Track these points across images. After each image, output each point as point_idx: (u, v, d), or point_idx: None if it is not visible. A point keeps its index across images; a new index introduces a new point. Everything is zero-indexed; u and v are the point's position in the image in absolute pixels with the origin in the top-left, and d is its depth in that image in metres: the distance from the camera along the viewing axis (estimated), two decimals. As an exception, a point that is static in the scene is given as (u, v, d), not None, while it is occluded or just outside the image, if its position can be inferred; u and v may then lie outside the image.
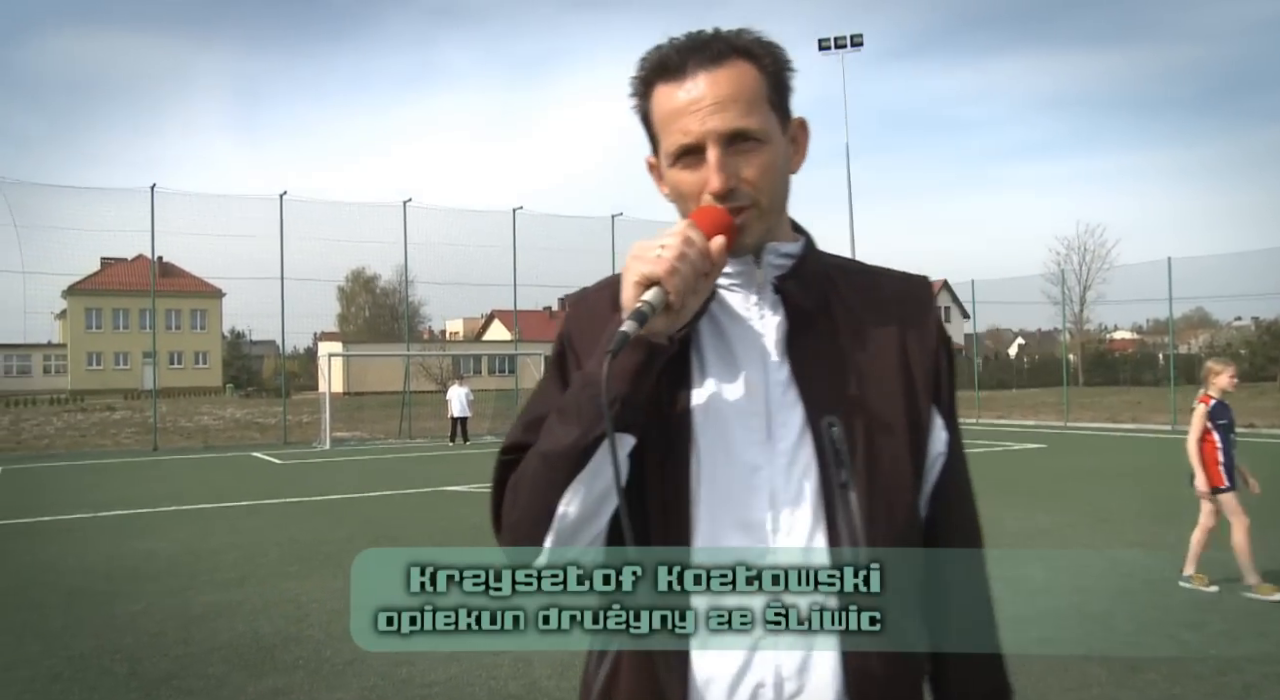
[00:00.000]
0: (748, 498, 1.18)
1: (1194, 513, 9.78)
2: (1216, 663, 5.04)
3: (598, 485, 1.14)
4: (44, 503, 12.96)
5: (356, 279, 61.44)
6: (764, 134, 1.20)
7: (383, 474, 16.32)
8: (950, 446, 1.30)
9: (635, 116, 1.28)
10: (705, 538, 1.18)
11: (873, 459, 1.20)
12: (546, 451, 1.16)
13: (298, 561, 8.22)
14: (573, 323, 1.31)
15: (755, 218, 1.21)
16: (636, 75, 1.25)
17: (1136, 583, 6.82)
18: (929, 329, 1.31)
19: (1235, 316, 50.61)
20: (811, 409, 1.20)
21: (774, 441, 1.20)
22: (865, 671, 1.16)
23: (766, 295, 1.26)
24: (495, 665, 5.20)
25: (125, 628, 6.14)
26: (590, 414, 1.12)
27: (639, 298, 1.12)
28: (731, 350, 1.24)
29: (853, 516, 1.18)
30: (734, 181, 1.19)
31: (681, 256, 1.12)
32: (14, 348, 49.42)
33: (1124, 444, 20.25)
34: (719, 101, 1.18)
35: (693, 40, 1.21)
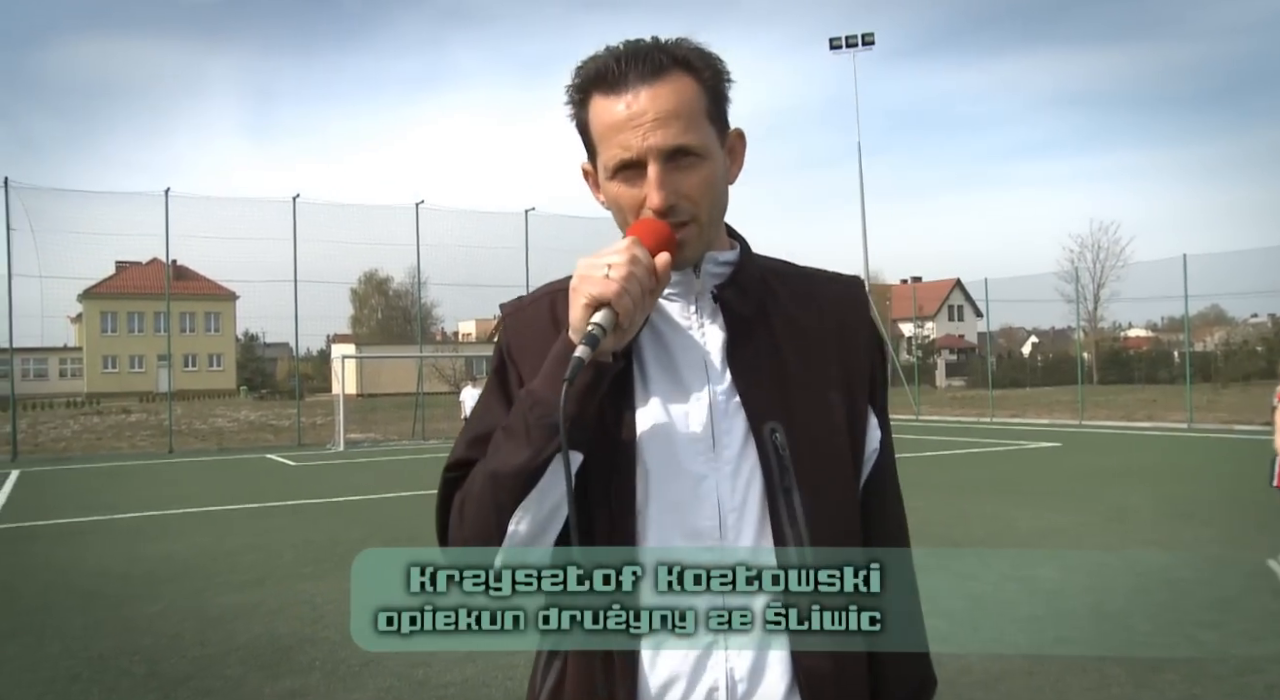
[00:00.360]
0: (695, 507, 1.19)
1: (1209, 512, 9.75)
2: (1237, 663, 5.01)
3: (546, 504, 1.16)
4: (61, 505, 13.05)
5: (369, 281, 61.66)
6: (704, 149, 1.20)
7: (397, 475, 16.36)
8: (883, 444, 1.33)
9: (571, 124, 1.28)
10: (652, 549, 1.19)
11: (815, 462, 1.22)
12: (495, 471, 1.16)
13: (313, 563, 8.25)
14: (511, 334, 1.30)
15: (695, 233, 1.22)
16: (573, 83, 1.24)
17: (1154, 582, 6.78)
18: (863, 330, 1.33)
19: (1251, 313, 50.29)
20: (754, 416, 1.21)
21: (719, 450, 1.21)
22: (815, 670, 1.18)
23: (705, 304, 1.27)
24: (511, 666, 5.21)
25: (143, 629, 6.17)
26: (540, 436, 1.13)
27: (589, 320, 1.12)
28: (673, 361, 1.25)
29: (797, 519, 1.20)
30: (674, 198, 1.19)
31: (629, 276, 1.12)
32: (31, 351, 49.71)
33: (1140, 442, 20.14)
34: (660, 117, 1.17)
35: (632, 51, 1.20)
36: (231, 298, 50.96)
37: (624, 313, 1.12)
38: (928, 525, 9.26)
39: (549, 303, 1.29)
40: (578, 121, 1.27)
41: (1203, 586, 6.68)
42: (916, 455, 17.95)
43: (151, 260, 40.65)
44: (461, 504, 1.21)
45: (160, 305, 44.21)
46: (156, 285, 43.79)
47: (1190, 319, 29.36)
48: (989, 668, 5.01)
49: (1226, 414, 25.11)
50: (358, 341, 52.20)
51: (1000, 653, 5.25)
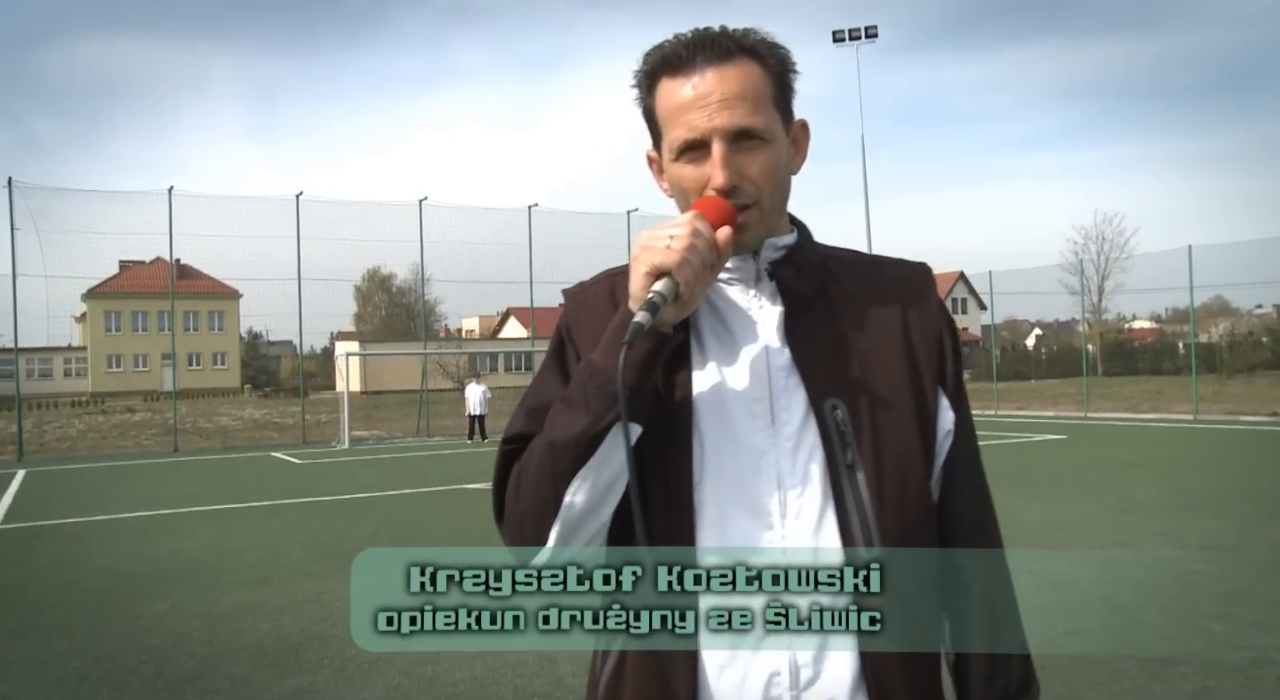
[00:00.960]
0: (754, 482, 1.19)
1: (1217, 504, 9.71)
2: (1249, 655, 4.98)
3: (604, 474, 1.15)
4: (68, 505, 13.06)
5: (372, 278, 61.65)
6: (769, 133, 1.21)
7: (402, 472, 16.37)
8: (958, 426, 1.30)
9: (638, 110, 1.29)
10: (712, 522, 1.18)
11: (879, 440, 1.21)
12: (553, 440, 1.16)
13: (320, 561, 8.25)
14: (571, 315, 1.32)
15: (756, 217, 1.22)
16: (641, 69, 1.25)
17: (1163, 575, 6.75)
18: (930, 311, 1.32)
19: (1256, 304, 50.16)
20: (814, 392, 1.21)
21: (778, 426, 1.20)
22: (879, 660, 1.16)
23: (764, 285, 1.28)
24: (520, 663, 5.20)
25: (151, 628, 6.17)
26: (599, 403, 1.13)
27: (649, 288, 1.12)
28: (732, 337, 1.25)
29: (861, 497, 1.18)
30: (737, 179, 1.19)
31: (691, 247, 1.12)
32: (35, 351, 49.75)
33: (1146, 434, 20.09)
34: (726, 98, 1.18)
35: (700, 37, 1.22)
36: (235, 296, 50.96)
37: (684, 282, 1.12)
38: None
39: (609, 285, 1.31)
40: (644, 107, 1.28)
41: (1213, 579, 6.65)
42: (922, 449, 17.92)
43: (155, 259, 40.69)
44: (519, 475, 1.20)
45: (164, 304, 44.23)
46: (160, 284, 43.84)
47: (1195, 310, 29.27)
48: (1000, 661, 4.99)
49: (1232, 405, 25.07)
50: (361, 339, 52.19)
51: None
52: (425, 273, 30.50)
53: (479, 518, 10.43)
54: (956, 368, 1.32)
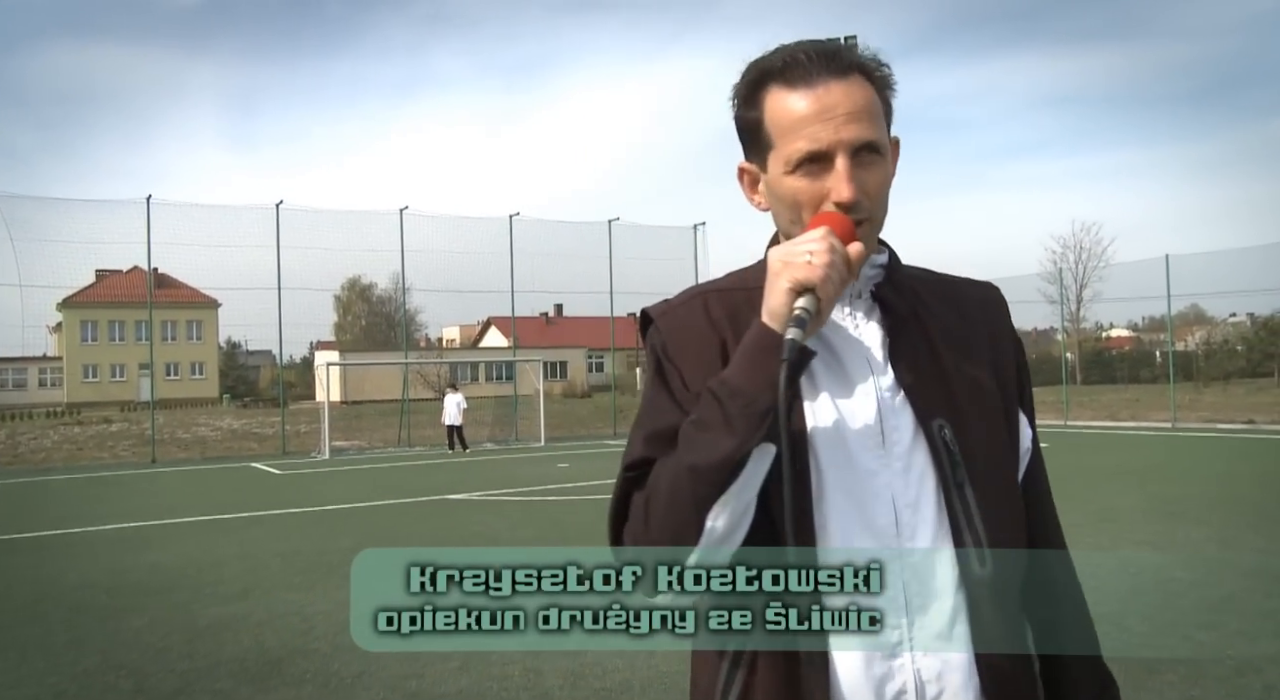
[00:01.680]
0: (871, 503, 1.20)
1: (1199, 511, 9.77)
2: (1235, 664, 5.00)
3: (745, 497, 1.14)
4: (44, 517, 12.88)
5: (352, 287, 61.29)
6: (885, 148, 1.23)
7: (383, 483, 16.26)
8: (1034, 443, 1.35)
9: (732, 119, 1.28)
10: (835, 542, 1.19)
11: (983, 458, 1.23)
12: (695, 464, 1.13)
13: (301, 573, 8.16)
14: (667, 335, 1.29)
15: (869, 232, 1.22)
16: (750, 77, 1.24)
17: (1147, 582, 6.77)
18: (1008, 331, 1.36)
19: (1230, 313, 50.72)
20: (921, 413, 1.22)
21: (889, 446, 1.21)
22: (997, 669, 1.19)
23: (861, 304, 1.28)
24: (505, 676, 5.15)
25: (129, 643, 6.07)
26: (744, 424, 1.11)
27: (792, 305, 1.12)
28: (837, 357, 1.25)
29: (973, 515, 1.20)
30: (860, 194, 1.19)
31: (831, 263, 1.12)
32: (9, 361, 49.25)
33: (1125, 442, 20.24)
34: (853, 112, 1.18)
35: (819, 48, 1.22)
36: (213, 305, 50.52)
37: (826, 299, 1.13)
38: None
39: (701, 304, 1.29)
40: (746, 118, 1.26)
41: (1197, 587, 6.67)
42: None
43: (132, 268, 40.30)
44: (647, 502, 1.17)
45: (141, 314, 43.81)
46: (137, 294, 43.38)
47: (1172, 319, 29.53)
48: (988, 671, 4.98)
49: (1209, 413, 25.33)
50: (341, 348, 51.93)
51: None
52: (406, 282, 30.36)
53: (461, 528, 10.39)
54: (1029, 386, 1.38)
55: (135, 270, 40.52)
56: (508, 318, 31.37)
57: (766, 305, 1.15)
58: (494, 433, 27.64)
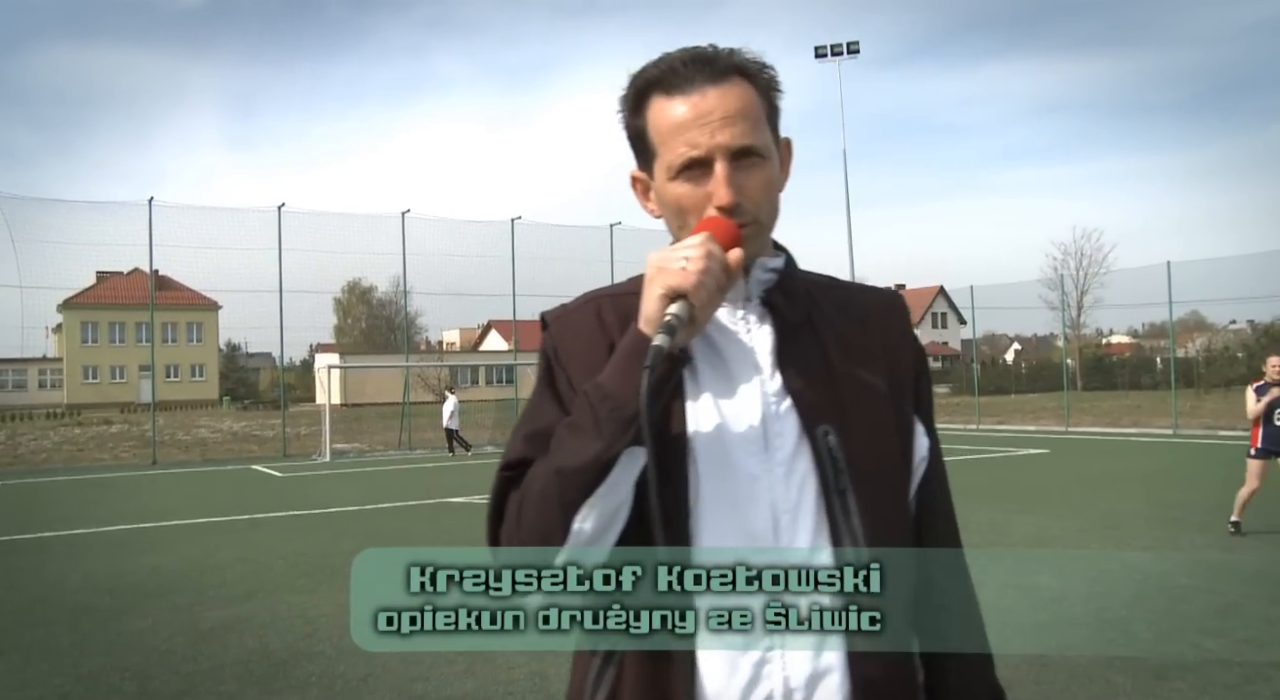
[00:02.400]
0: (749, 508, 1.19)
1: (1201, 518, 9.77)
2: (1243, 670, 4.98)
3: (612, 501, 1.14)
4: (45, 518, 12.85)
5: (353, 290, 61.30)
6: (767, 151, 1.22)
7: (385, 486, 16.24)
8: (932, 452, 1.34)
9: (622, 129, 1.29)
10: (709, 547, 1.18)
11: (868, 465, 1.23)
12: (561, 466, 1.14)
13: (304, 575, 8.14)
14: (559, 339, 1.30)
15: (753, 234, 1.22)
16: (633, 88, 1.24)
17: (1153, 589, 6.76)
18: (906, 339, 1.36)
19: (1230, 320, 50.75)
20: (806, 418, 1.22)
21: (771, 451, 1.21)
22: (869, 678, 1.17)
23: (753, 308, 1.28)
24: (511, 680, 5.14)
25: (133, 645, 6.06)
26: (612, 428, 1.11)
27: (665, 310, 1.12)
28: (724, 362, 1.25)
29: (853, 521, 1.20)
30: (740, 197, 1.19)
31: (706, 269, 1.11)
32: (10, 362, 49.26)
33: (1127, 448, 20.22)
34: (728, 116, 1.19)
35: (697, 55, 1.22)
36: (214, 308, 50.53)
37: (700, 305, 1.12)
38: (922, 533, 9.24)
39: (595, 309, 1.29)
40: (632, 128, 1.27)
41: (1202, 593, 6.66)
42: (906, 462, 17.96)
43: (133, 270, 40.28)
44: (520, 503, 1.18)
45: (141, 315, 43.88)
46: (137, 295, 43.39)
47: (1174, 325, 29.54)
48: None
49: (1210, 419, 25.28)
50: (341, 351, 51.90)
51: (1005, 660, 5.20)
52: (407, 285, 30.36)
53: (464, 531, 10.35)
54: (929, 394, 1.37)
55: (136, 272, 40.52)
56: (508, 321, 31.39)
57: (641, 311, 1.15)
58: (495, 436, 27.61)
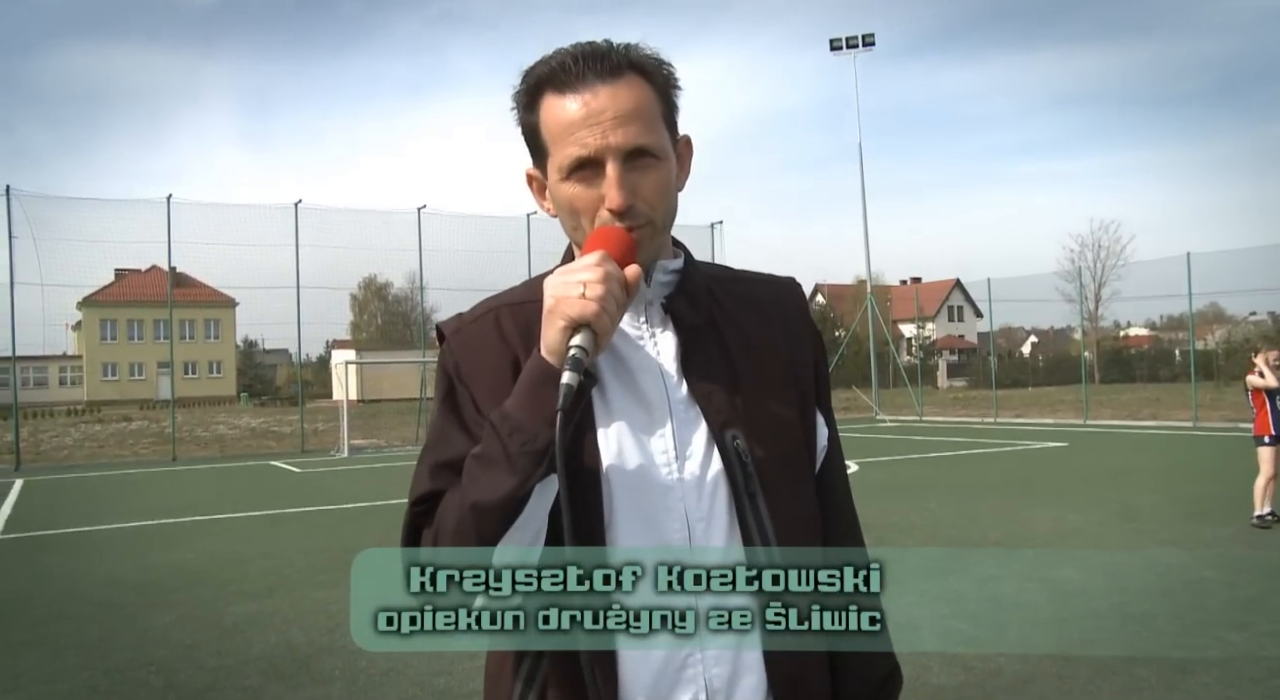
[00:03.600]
0: (662, 519, 1.18)
1: (1222, 511, 9.71)
2: (1269, 664, 4.96)
3: (530, 531, 1.13)
4: (69, 514, 12.98)
5: (369, 286, 61.56)
6: (661, 151, 1.19)
7: (403, 481, 16.09)
8: (831, 440, 1.34)
9: (516, 126, 1.26)
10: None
11: (776, 466, 1.22)
12: (476, 502, 1.11)
13: (326, 570, 8.20)
14: (459, 354, 1.26)
15: (648, 236, 1.20)
16: (525, 85, 1.21)
17: (1175, 583, 6.73)
18: (805, 330, 1.35)
19: (1250, 311, 50.30)
20: (715, 424, 1.21)
21: (682, 460, 1.20)
22: (789, 676, 1.19)
23: (655, 313, 1.26)
24: (534, 674, 5.16)
25: (158, 640, 6.12)
26: (525, 463, 1.09)
27: (568, 342, 1.08)
28: (630, 372, 1.23)
29: (764, 523, 1.20)
30: (632, 198, 1.17)
31: (606, 295, 1.09)
32: (31, 359, 49.60)
33: (1146, 441, 20.10)
34: (620, 116, 1.16)
35: (588, 50, 1.18)
36: (231, 304, 50.82)
37: (603, 333, 1.10)
38: (941, 527, 9.21)
39: (493, 319, 1.26)
40: (525, 125, 1.24)
41: (1225, 587, 6.63)
42: (923, 456, 17.91)
43: (151, 267, 40.62)
44: (435, 538, 1.16)
45: (160, 312, 44.19)
46: (156, 292, 43.77)
47: (1194, 317, 29.32)
48: (1018, 670, 4.97)
49: (1230, 412, 25.04)
50: (357, 347, 52.10)
51: (1028, 655, 5.20)
52: (423, 281, 30.45)
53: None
54: (826, 382, 1.37)
55: (154, 269, 40.86)
56: (524, 316, 31.39)
57: (544, 339, 1.12)
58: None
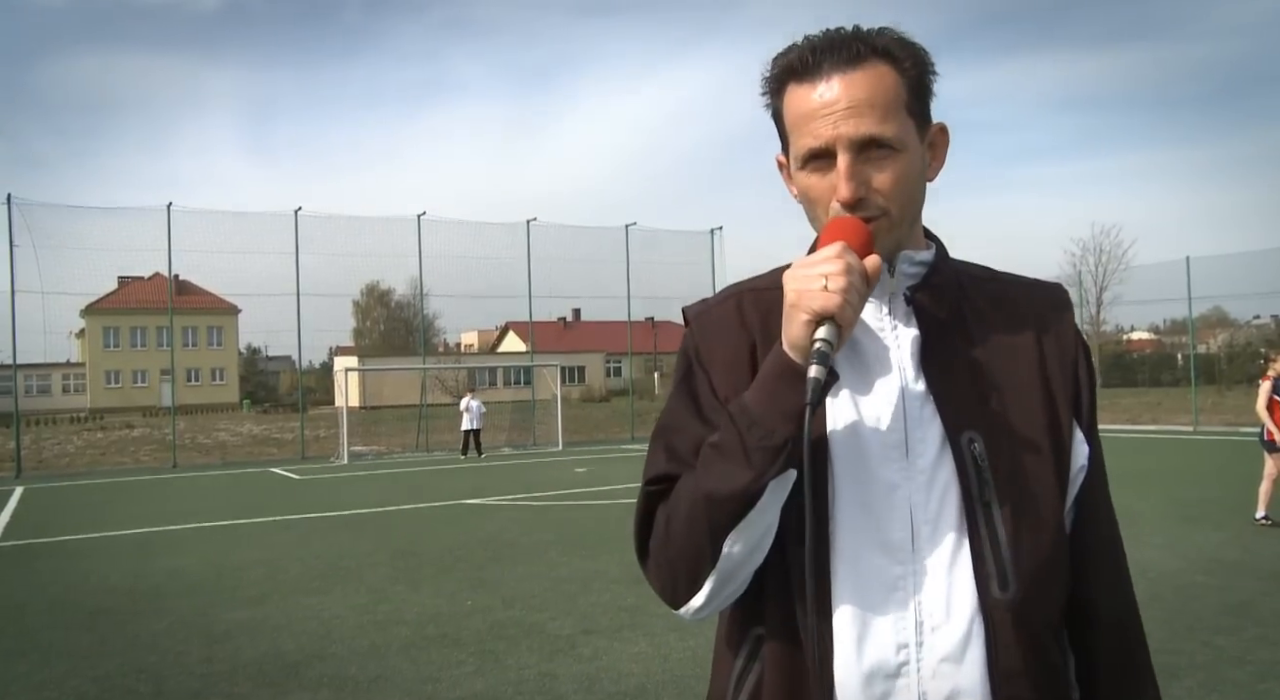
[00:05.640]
0: (887, 517, 1.14)
1: (1220, 515, 9.70)
2: (1255, 668, 4.95)
3: (762, 524, 1.12)
4: (67, 522, 13.01)
5: (371, 293, 61.77)
6: (898, 141, 1.15)
7: (401, 488, 16.33)
8: (1092, 460, 1.24)
9: (768, 114, 1.24)
10: (846, 557, 1.14)
11: (1017, 475, 1.16)
12: (711, 492, 1.11)
13: (319, 577, 8.21)
14: (700, 338, 1.26)
15: (885, 228, 1.16)
16: (769, 74, 1.20)
17: (1165, 588, 6.72)
18: (1067, 337, 1.26)
19: (1254, 315, 50.22)
20: (950, 424, 1.16)
21: (912, 458, 1.15)
22: (1012, 698, 1.13)
23: (898, 305, 1.22)
24: (521, 680, 5.17)
25: (149, 646, 6.13)
26: (762, 458, 1.08)
27: (813, 335, 1.06)
28: (866, 364, 1.19)
29: (997, 535, 1.14)
30: (863, 190, 1.14)
31: (849, 287, 1.06)
32: (34, 367, 49.76)
33: (1146, 445, 20.07)
34: (853, 106, 1.13)
35: (829, 39, 1.16)
36: (234, 311, 51.03)
37: (847, 326, 1.07)
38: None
39: (735, 304, 1.25)
40: (773, 111, 1.23)
41: (1216, 591, 6.62)
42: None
43: (154, 275, 40.69)
44: (668, 521, 1.17)
45: (162, 320, 44.23)
46: (158, 300, 43.87)
47: (1194, 321, 29.29)
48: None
49: (1231, 416, 25.04)
50: (360, 354, 52.20)
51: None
52: (424, 287, 30.51)
53: (478, 533, 10.41)
54: (1092, 398, 1.26)
55: (157, 276, 40.95)
56: (526, 322, 31.46)
57: (786, 334, 1.09)
58: (512, 437, 27.70)
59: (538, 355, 33.95)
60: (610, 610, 6.64)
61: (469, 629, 6.28)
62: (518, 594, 7.26)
